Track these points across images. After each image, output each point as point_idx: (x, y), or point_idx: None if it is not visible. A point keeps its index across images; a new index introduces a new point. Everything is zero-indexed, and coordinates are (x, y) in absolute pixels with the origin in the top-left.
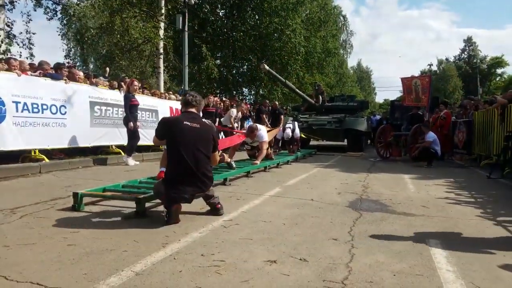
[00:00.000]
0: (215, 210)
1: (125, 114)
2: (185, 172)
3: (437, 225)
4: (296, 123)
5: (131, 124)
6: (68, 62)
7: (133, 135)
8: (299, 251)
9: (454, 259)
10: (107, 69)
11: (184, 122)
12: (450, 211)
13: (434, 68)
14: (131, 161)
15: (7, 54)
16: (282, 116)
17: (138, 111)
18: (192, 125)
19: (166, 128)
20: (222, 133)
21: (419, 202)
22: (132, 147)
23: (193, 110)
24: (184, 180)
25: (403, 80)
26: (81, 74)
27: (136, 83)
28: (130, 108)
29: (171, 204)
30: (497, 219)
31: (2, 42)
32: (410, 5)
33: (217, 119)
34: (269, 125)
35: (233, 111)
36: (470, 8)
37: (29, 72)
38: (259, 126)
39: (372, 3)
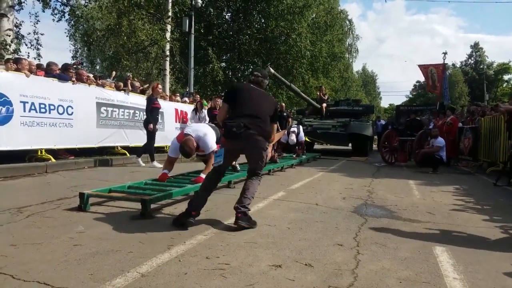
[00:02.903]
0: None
1: (145, 117)
2: (246, 114)
3: (443, 232)
4: (300, 126)
5: (151, 125)
6: (75, 62)
7: (151, 137)
8: (304, 256)
9: (461, 266)
10: (114, 72)
11: (251, 85)
12: (456, 218)
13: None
14: (146, 162)
15: (17, 54)
16: (290, 119)
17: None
18: (258, 89)
19: (232, 90)
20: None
21: (424, 208)
22: (151, 149)
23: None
24: (242, 118)
25: (421, 67)
26: (90, 75)
27: (160, 86)
28: (152, 110)
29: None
30: (504, 227)
31: (11, 42)
32: (418, 10)
33: None
34: (279, 128)
35: None
36: (478, 14)
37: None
38: None
39: (379, 7)
